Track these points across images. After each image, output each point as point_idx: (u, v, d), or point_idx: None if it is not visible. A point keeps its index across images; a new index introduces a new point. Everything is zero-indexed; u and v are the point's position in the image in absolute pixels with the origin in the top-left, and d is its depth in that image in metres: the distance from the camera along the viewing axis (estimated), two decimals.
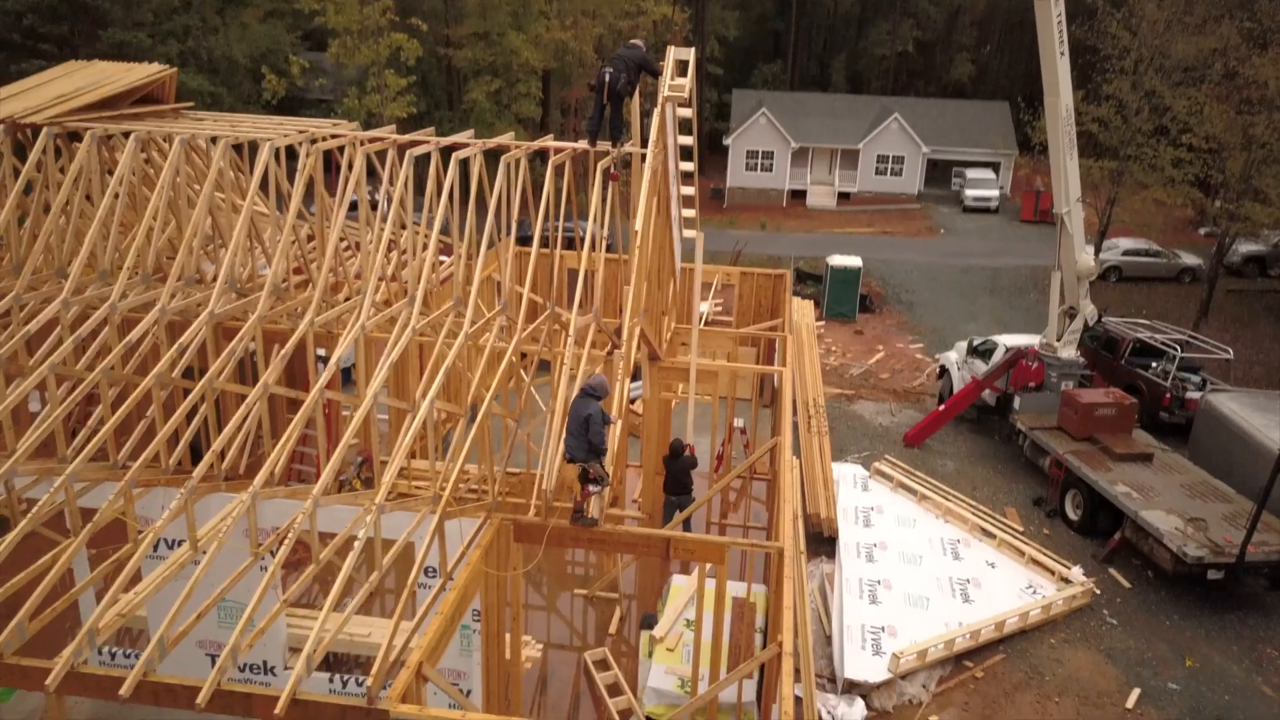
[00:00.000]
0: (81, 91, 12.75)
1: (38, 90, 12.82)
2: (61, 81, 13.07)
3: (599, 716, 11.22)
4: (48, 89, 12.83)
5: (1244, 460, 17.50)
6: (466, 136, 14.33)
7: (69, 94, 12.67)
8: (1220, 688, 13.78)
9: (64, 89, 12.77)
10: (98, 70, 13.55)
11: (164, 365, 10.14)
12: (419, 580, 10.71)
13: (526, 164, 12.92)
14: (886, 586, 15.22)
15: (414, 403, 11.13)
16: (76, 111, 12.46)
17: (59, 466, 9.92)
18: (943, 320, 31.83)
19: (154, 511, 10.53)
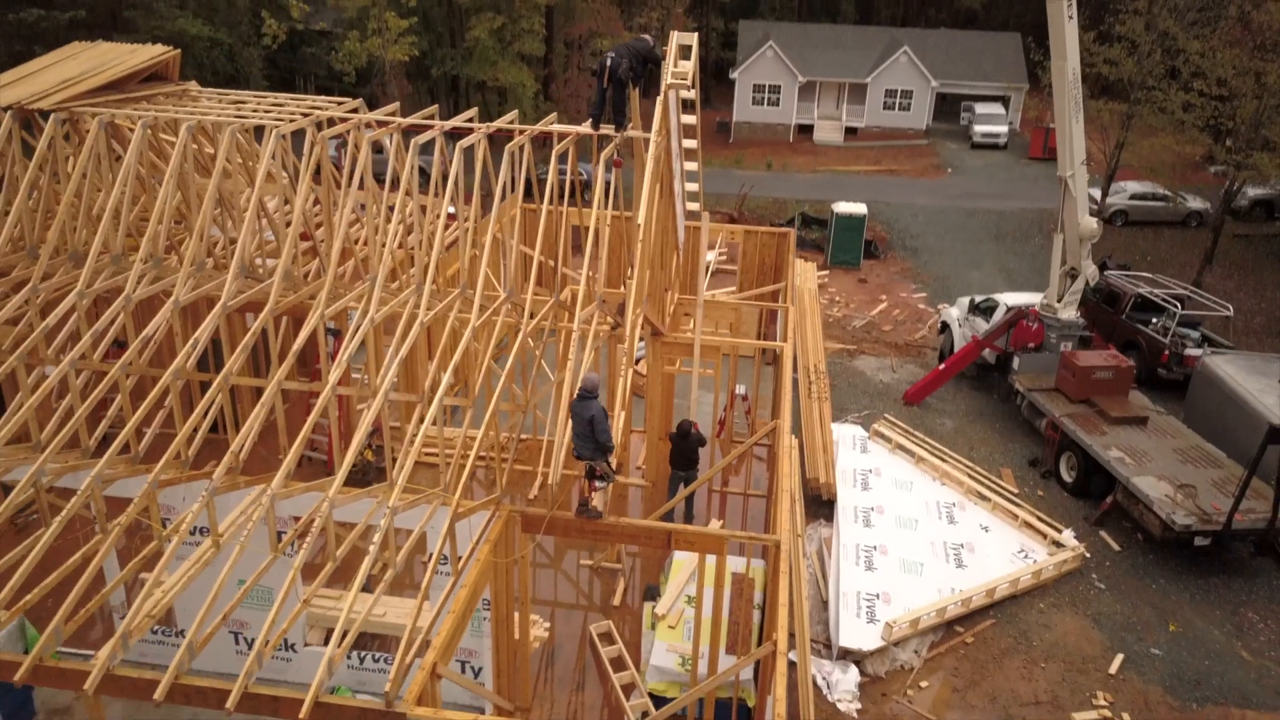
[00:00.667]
0: (87, 75, 12.79)
1: (43, 74, 12.87)
2: (66, 65, 13.10)
3: (604, 688, 11.78)
4: (53, 73, 12.87)
5: (1237, 425, 17.83)
6: (470, 116, 14.41)
7: (74, 78, 12.72)
8: (1201, 653, 14.34)
9: (69, 73, 12.81)
10: (102, 52, 13.55)
11: (180, 361, 10.44)
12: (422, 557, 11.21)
13: (531, 149, 13.03)
14: (882, 552, 15.71)
15: (423, 393, 11.49)
16: (83, 96, 12.54)
17: (84, 461, 10.32)
18: (947, 268, 31.90)
19: (174, 500, 10.98)
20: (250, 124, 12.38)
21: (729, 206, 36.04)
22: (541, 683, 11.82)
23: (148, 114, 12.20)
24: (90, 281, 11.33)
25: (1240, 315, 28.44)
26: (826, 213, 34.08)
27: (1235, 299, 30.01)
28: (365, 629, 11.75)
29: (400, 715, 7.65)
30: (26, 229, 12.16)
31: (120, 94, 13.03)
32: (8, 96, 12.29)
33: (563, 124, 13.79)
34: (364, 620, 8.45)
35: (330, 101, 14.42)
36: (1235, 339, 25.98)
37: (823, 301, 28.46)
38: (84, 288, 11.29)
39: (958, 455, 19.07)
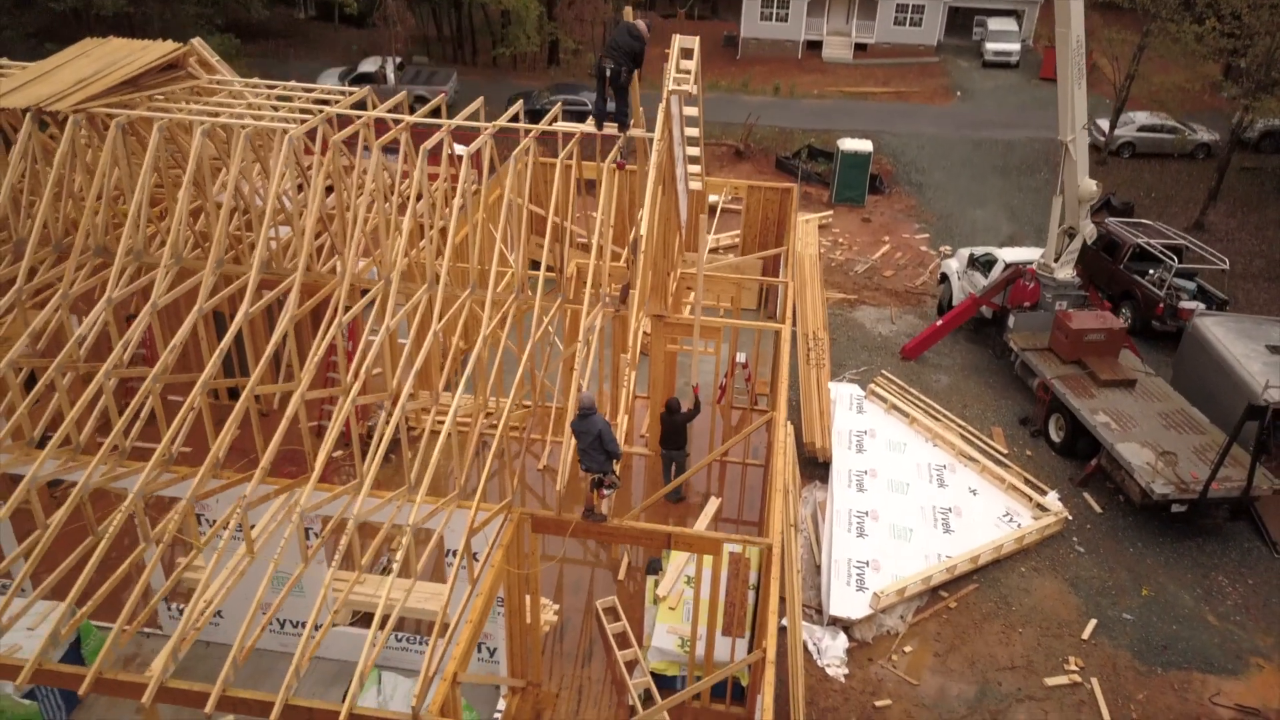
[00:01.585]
0: (101, 74, 13.04)
1: (58, 73, 13.11)
2: (80, 63, 13.32)
3: (609, 662, 12.74)
4: (67, 72, 13.11)
5: (1222, 390, 18.42)
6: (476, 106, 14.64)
7: (89, 77, 12.97)
8: (1170, 617, 15.27)
9: (84, 72, 13.05)
10: (114, 49, 13.74)
11: (208, 372, 11.05)
12: (446, 560, 12.05)
13: (536, 148, 13.35)
14: (873, 518, 16.54)
15: (435, 392, 12.14)
16: (99, 96, 12.81)
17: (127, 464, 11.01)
18: (951, 205, 32.03)
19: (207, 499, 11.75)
20: (263, 126, 12.69)
21: (735, 138, 35.96)
22: (551, 656, 12.77)
23: (163, 118, 12.51)
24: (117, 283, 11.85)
25: (1240, 258, 28.76)
26: (833, 145, 34.03)
27: (1236, 240, 30.29)
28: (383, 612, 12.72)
29: None
30: (52, 227, 12.64)
31: (135, 89, 13.29)
32: (26, 97, 12.58)
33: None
34: (391, 598, 9.32)
35: (337, 92, 14.65)
36: (1233, 284, 26.37)
37: (825, 244, 28.77)
38: (111, 293, 11.83)
39: (951, 414, 19.76)
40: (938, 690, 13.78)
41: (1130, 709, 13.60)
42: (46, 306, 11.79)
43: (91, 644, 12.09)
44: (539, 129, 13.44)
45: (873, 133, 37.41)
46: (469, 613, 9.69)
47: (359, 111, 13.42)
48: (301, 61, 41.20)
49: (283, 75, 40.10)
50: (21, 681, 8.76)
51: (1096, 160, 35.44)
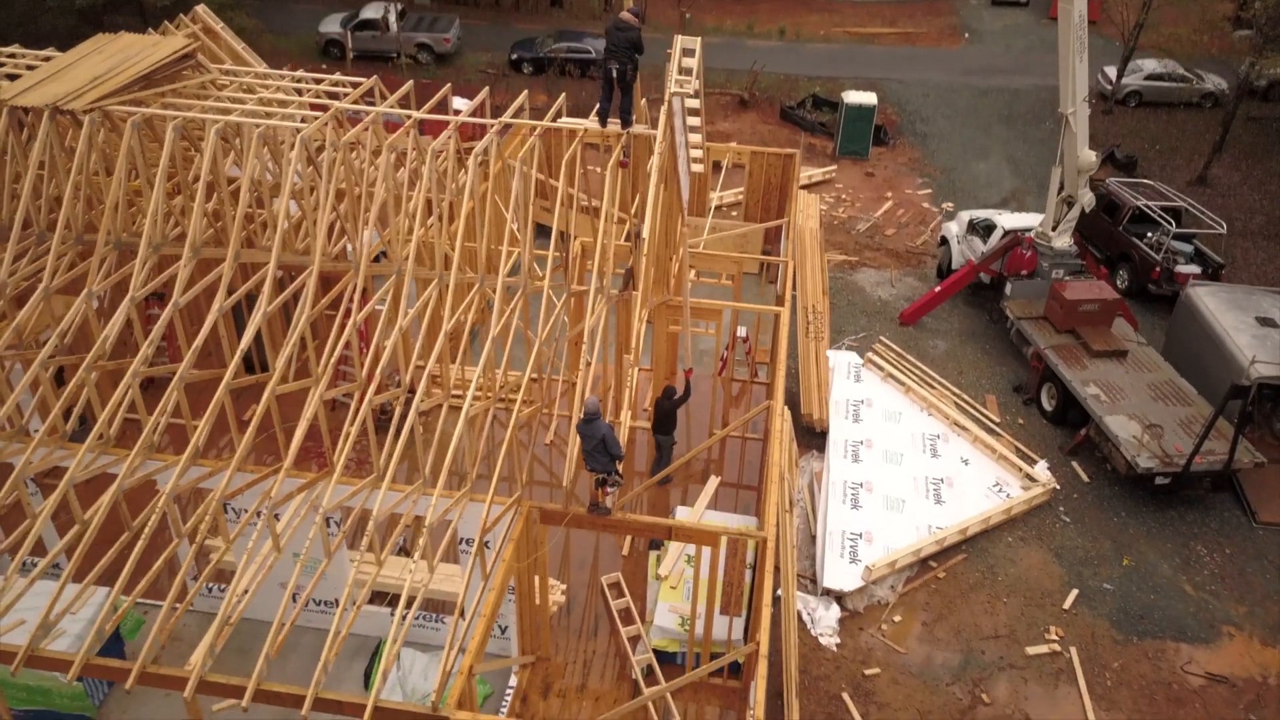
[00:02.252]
0: (115, 71, 13.30)
1: (73, 71, 13.35)
2: (94, 60, 13.55)
3: (614, 637, 13.51)
4: (82, 69, 13.36)
5: (1212, 361, 18.88)
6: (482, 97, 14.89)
7: (103, 75, 13.24)
8: (1148, 586, 16.01)
9: (98, 70, 13.31)
10: (126, 45, 13.94)
11: (230, 373, 11.59)
12: (460, 547, 12.74)
13: (541, 147, 13.64)
14: (868, 489, 17.21)
15: (447, 392, 12.68)
16: (114, 94, 13.10)
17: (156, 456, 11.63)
18: (954, 157, 32.07)
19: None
20: (274, 125, 12.99)
21: (739, 86, 35.80)
22: (559, 631, 13.55)
23: (177, 116, 12.83)
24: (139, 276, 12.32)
25: (1240, 214, 28.94)
26: (838, 94, 33.95)
27: (1239, 194, 30.40)
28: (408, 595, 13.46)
29: (444, 718, 9.28)
30: (74, 223, 13.05)
31: (148, 85, 13.56)
32: (43, 95, 12.88)
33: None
34: (410, 579, 10.06)
35: (348, 80, 14.87)
36: (1232, 243, 26.66)
37: (829, 201, 28.97)
38: (134, 292, 12.31)
39: (946, 381, 20.30)
40: (924, 659, 14.58)
41: (1105, 677, 14.41)
42: (77, 300, 12.29)
43: (128, 624, 12.88)
44: (543, 125, 13.70)
45: (878, 80, 37.22)
46: (483, 606, 10.39)
47: (367, 108, 13.69)
48: (303, 5, 40.81)
49: (284, 20, 39.87)
50: (72, 676, 9.49)
51: (1103, 109, 35.42)
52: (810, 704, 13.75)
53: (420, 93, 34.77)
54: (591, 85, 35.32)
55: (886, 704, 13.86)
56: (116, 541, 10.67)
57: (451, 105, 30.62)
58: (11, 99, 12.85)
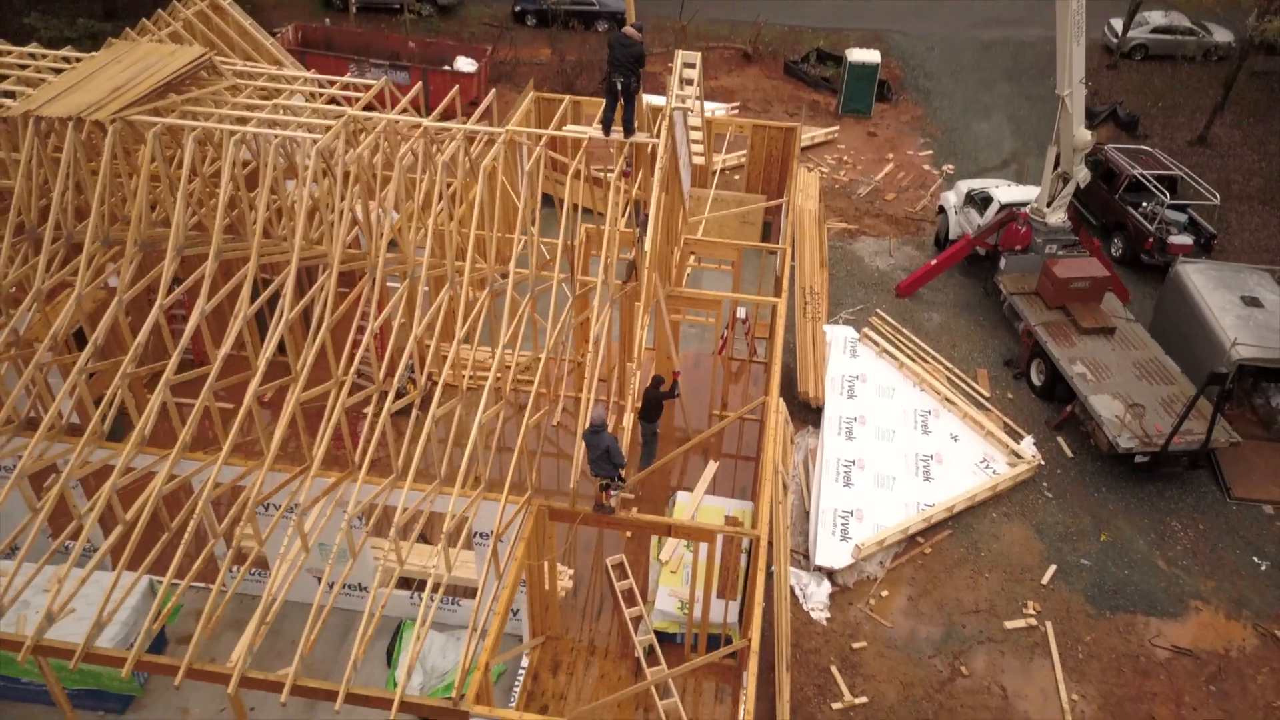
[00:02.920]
0: (135, 82, 13.77)
1: (94, 80, 13.80)
2: (113, 69, 13.98)
3: (617, 616, 14.48)
4: (103, 79, 13.81)
5: (1197, 340, 19.50)
6: (490, 100, 15.31)
7: (123, 85, 13.71)
8: (1124, 562, 16.92)
9: (118, 80, 13.77)
10: (144, 54, 14.35)
11: (257, 381, 12.34)
12: (474, 540, 13.61)
13: (545, 154, 14.14)
14: (860, 467, 18.03)
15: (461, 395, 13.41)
16: (134, 103, 13.60)
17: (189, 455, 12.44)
18: (956, 116, 32.23)
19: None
20: (288, 135, 13.50)
21: (743, 39, 35.77)
22: (566, 611, 14.52)
23: (196, 126, 13.34)
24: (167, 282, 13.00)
25: (1238, 176, 29.24)
26: (842, 47, 33.99)
27: (1238, 155, 30.63)
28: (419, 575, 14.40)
29: (464, 714, 10.24)
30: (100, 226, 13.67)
31: (168, 92, 14.04)
32: (67, 106, 13.37)
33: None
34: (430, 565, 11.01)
35: (358, 84, 15.28)
36: (1228, 207, 27.06)
37: (831, 163, 29.29)
38: (162, 300, 13.00)
39: (940, 355, 20.99)
40: (909, 633, 15.57)
41: (1078, 650, 15.40)
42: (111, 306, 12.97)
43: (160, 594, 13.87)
44: (548, 134, 14.18)
45: (883, 32, 37.14)
46: (497, 605, 11.30)
47: (379, 114, 14.17)
48: None
49: None
50: (126, 673, 10.44)
51: (1108, 64, 35.40)
52: (800, 676, 14.76)
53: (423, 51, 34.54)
54: (595, 38, 35.32)
55: (872, 676, 14.88)
56: (157, 542, 11.54)
57: (456, 66, 30.35)
58: (37, 109, 13.36)
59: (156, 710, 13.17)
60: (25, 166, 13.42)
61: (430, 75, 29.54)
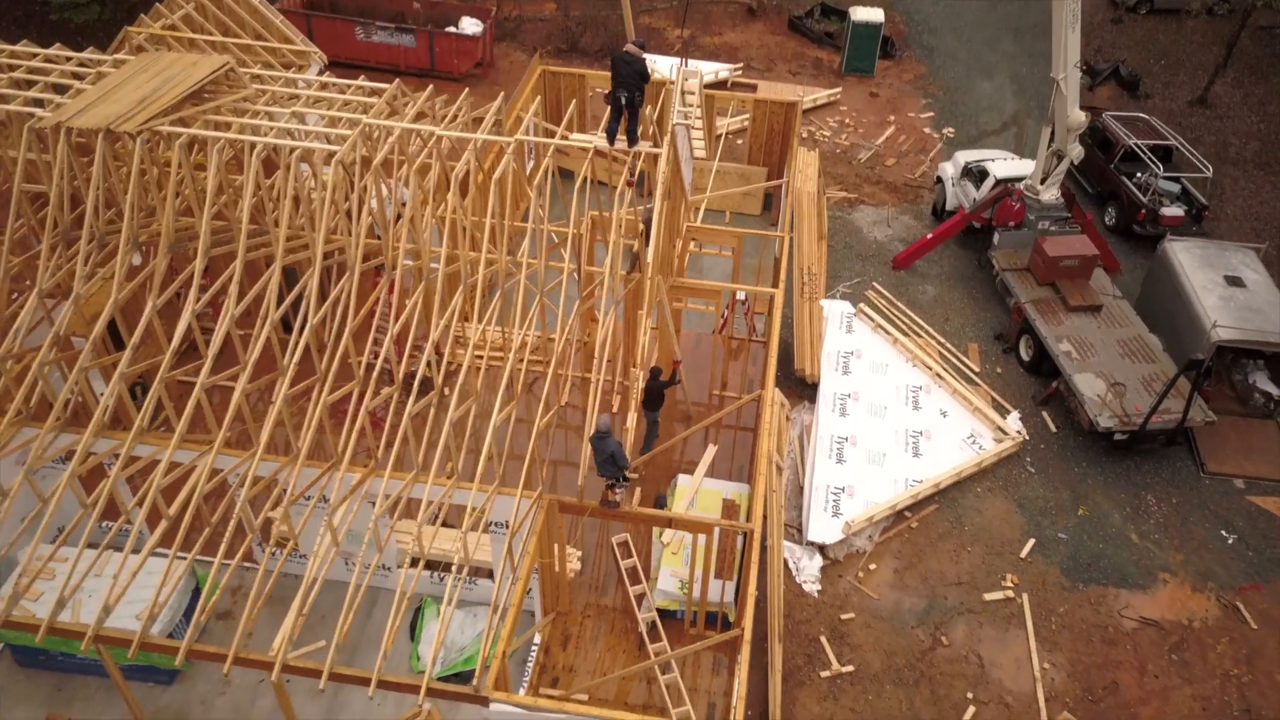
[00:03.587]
0: (160, 93, 14.38)
1: (121, 92, 14.37)
2: (139, 80, 14.53)
3: (622, 593, 15.58)
4: (130, 90, 14.39)
5: (1180, 319, 20.25)
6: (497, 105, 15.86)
7: (149, 96, 14.32)
8: (1099, 536, 17.96)
9: (144, 90, 14.37)
10: (168, 64, 14.88)
11: (285, 386, 13.25)
12: (490, 529, 14.63)
13: (554, 165, 14.78)
14: (852, 443, 18.99)
15: (477, 396, 14.30)
16: (161, 114, 14.24)
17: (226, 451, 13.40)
18: (959, 75, 32.41)
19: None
20: (307, 147, 14.16)
21: None
22: (575, 587, 15.63)
23: (220, 137, 14.01)
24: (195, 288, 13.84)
25: (1235, 139, 29.59)
26: (846, 2, 34.01)
27: (1237, 116, 30.89)
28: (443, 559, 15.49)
29: (484, 699, 11.38)
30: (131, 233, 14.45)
31: (191, 104, 14.65)
32: (98, 118, 14.01)
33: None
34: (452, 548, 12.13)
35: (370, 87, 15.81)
36: (1223, 171, 27.56)
37: (832, 126, 29.66)
38: (194, 306, 13.84)
39: (933, 329, 21.78)
40: (894, 604, 16.70)
41: (1051, 621, 16.53)
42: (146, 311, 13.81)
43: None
44: (554, 143, 14.78)
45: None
46: (512, 596, 12.37)
47: (393, 123, 14.77)
48: None
49: None
50: (180, 660, 11.57)
51: (1112, 18, 35.38)
52: (792, 646, 15.94)
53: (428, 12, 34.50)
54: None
55: (858, 646, 16.05)
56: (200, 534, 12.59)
57: (461, 27, 30.54)
58: (68, 120, 14.02)
59: (201, 682, 14.38)
60: (59, 174, 14.13)
61: (436, 38, 29.81)
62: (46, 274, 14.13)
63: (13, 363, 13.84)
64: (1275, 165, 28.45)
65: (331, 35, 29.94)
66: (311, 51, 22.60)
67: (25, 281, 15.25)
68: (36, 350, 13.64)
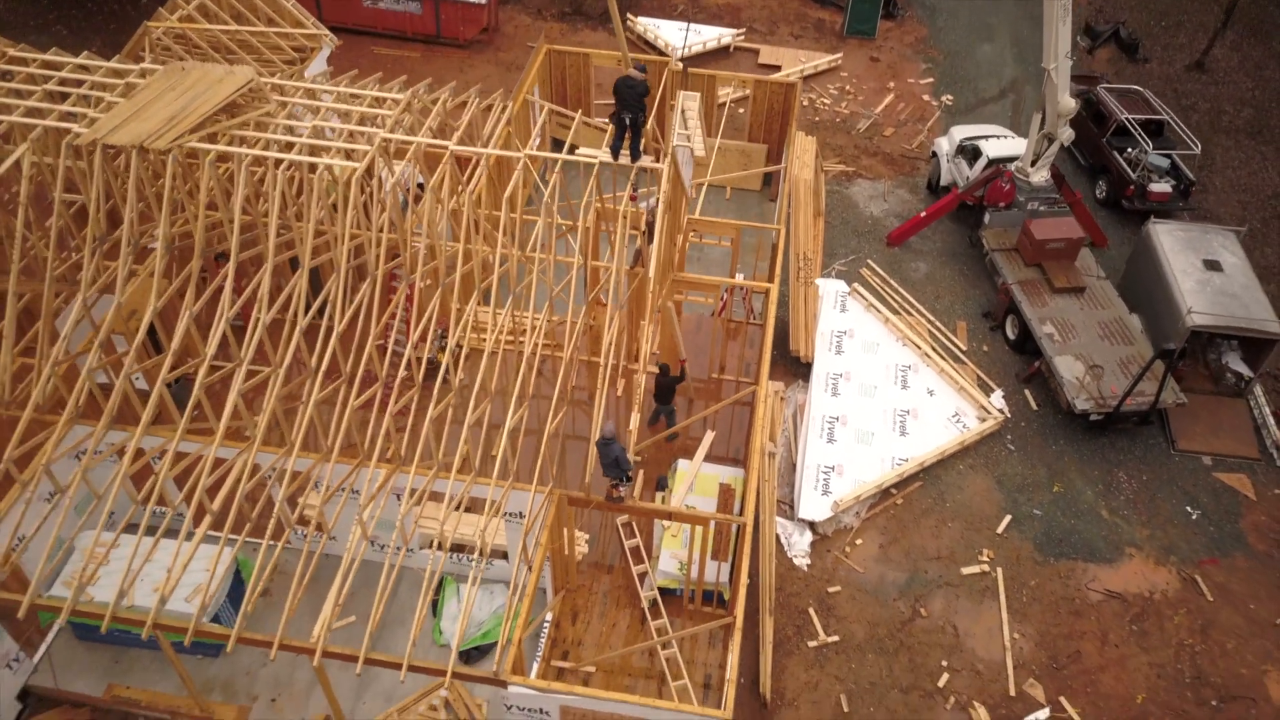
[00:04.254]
0: (188, 110, 15.21)
1: (152, 109, 15.18)
2: (169, 98, 15.34)
3: (626, 571, 16.92)
4: (160, 107, 15.21)
5: (1159, 302, 21.19)
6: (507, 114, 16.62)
7: (178, 114, 15.14)
8: (1071, 512, 19.22)
9: (173, 108, 15.18)
10: (195, 81, 15.62)
11: (317, 392, 14.38)
12: (506, 518, 15.88)
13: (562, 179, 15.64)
14: (842, 423, 20.15)
15: (490, 397, 15.42)
16: (190, 131, 15.10)
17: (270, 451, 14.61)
18: (960, 38, 32.74)
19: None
20: (328, 164, 15.04)
21: None
22: (582, 564, 16.97)
23: (246, 153, 14.91)
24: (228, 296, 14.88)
25: (1230, 106, 30.09)
26: None
27: (1233, 82, 31.29)
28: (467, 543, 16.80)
29: (503, 682, 12.76)
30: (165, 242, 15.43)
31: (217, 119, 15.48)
32: (130, 135, 14.87)
33: None
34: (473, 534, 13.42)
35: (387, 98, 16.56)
36: (1215, 140, 28.21)
37: (832, 93, 30.17)
38: (228, 312, 14.90)
39: (923, 307, 22.77)
40: (878, 578, 18.05)
41: (1023, 594, 17.88)
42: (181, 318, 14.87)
43: (247, 569, 16.36)
44: (562, 158, 15.61)
45: None
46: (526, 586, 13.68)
47: (410, 139, 15.60)
48: None
49: None
50: (230, 647, 12.95)
51: None
52: (782, 617, 17.32)
53: None
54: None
55: (844, 617, 17.44)
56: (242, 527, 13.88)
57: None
58: (104, 137, 14.91)
59: (244, 655, 15.79)
60: (97, 189, 15.07)
61: (442, 5, 30.18)
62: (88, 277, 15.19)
63: (59, 363, 14.97)
64: (1267, 134, 29.01)
65: (339, 2, 30.36)
66: (322, 34, 23.22)
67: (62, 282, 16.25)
68: (81, 352, 14.78)
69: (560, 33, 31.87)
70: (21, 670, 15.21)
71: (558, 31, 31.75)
